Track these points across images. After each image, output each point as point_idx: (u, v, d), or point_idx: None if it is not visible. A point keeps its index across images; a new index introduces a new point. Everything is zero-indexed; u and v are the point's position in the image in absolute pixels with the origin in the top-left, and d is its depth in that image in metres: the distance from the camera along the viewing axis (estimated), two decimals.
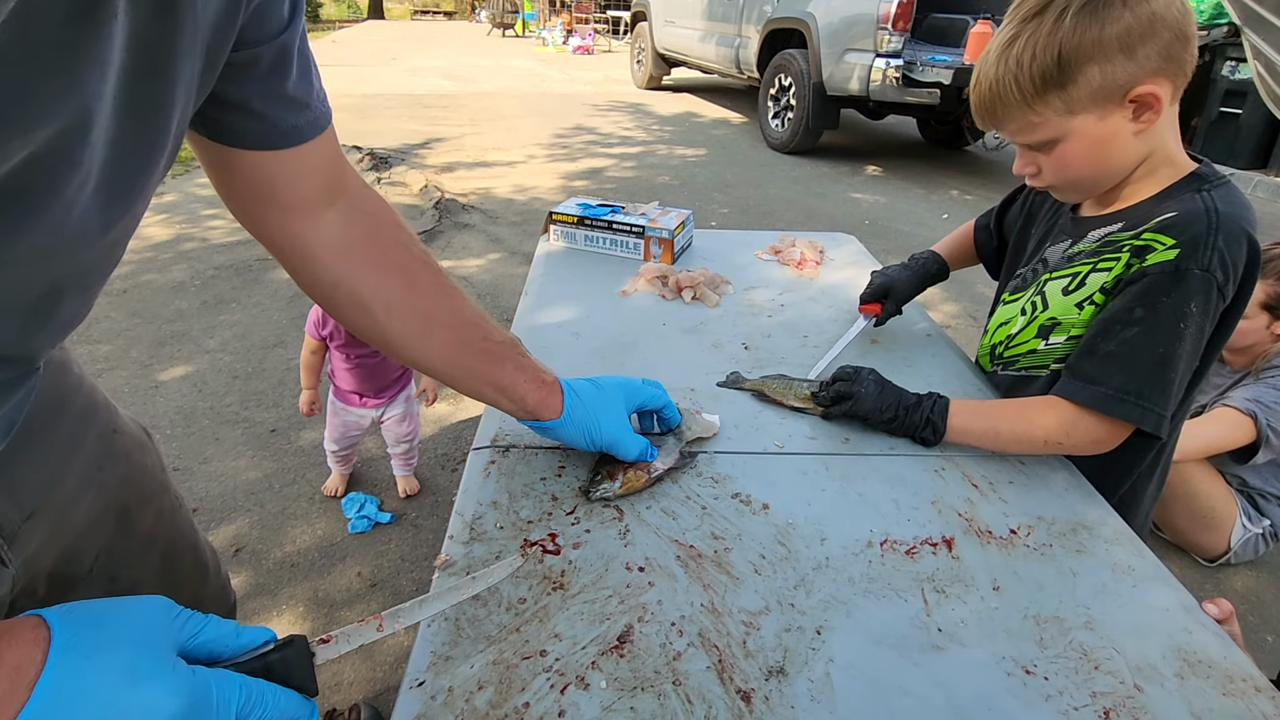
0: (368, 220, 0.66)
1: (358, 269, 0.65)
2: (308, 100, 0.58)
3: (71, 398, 0.67)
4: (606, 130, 6.62)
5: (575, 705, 0.55)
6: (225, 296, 3.03)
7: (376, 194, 0.70)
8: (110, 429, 0.72)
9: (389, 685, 1.41)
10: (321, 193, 0.63)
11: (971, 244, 1.25)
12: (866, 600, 0.66)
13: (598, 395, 0.79)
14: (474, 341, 0.70)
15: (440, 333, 0.69)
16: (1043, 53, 0.78)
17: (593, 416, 0.77)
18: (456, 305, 0.70)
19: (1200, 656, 0.63)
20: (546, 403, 0.75)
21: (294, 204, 0.61)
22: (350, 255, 0.65)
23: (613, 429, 0.77)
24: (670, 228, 1.42)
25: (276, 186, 0.60)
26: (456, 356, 0.71)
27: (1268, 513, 1.78)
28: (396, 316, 0.67)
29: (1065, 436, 0.84)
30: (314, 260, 0.64)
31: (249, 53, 0.51)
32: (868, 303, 1.20)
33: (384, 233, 0.67)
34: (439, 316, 0.69)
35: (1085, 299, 0.89)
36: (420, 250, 0.69)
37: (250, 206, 0.61)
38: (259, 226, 0.63)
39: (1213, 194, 0.83)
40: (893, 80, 4.71)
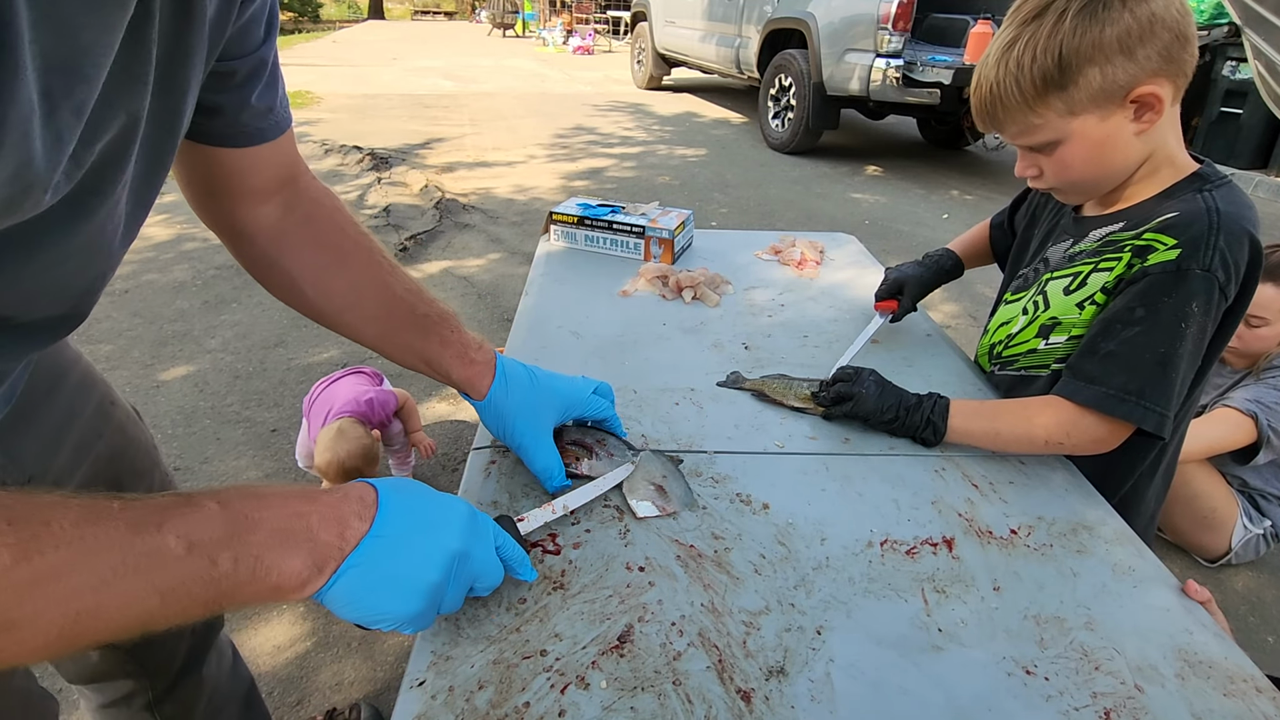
0: (308, 206, 0.71)
1: (291, 250, 0.70)
2: (272, 106, 0.62)
3: (70, 370, 0.71)
4: (607, 130, 6.62)
5: (575, 705, 0.55)
6: (226, 296, 3.03)
7: (320, 184, 0.74)
8: (108, 401, 0.76)
9: (389, 685, 1.40)
10: (270, 185, 0.67)
11: (986, 242, 1.26)
12: (867, 600, 0.66)
13: (527, 391, 0.77)
14: (400, 315, 0.73)
15: (368, 308, 0.72)
16: (1043, 55, 0.78)
17: (512, 412, 0.75)
18: (386, 281, 0.72)
19: (1201, 657, 0.63)
20: (472, 381, 0.75)
21: (243, 194, 0.66)
22: (285, 238, 0.70)
23: (527, 433, 0.75)
24: (670, 228, 1.42)
25: (230, 179, 0.65)
26: (384, 329, 0.73)
27: (1268, 513, 1.78)
28: (325, 293, 0.71)
29: (1066, 436, 0.84)
30: (251, 243, 0.69)
31: (228, 65, 0.55)
32: (883, 299, 1.20)
33: (321, 217, 0.72)
34: (367, 292, 0.72)
35: (1086, 299, 0.89)
36: (356, 233, 0.73)
37: (202, 194, 0.66)
38: (204, 211, 0.68)
39: (1214, 194, 0.83)
40: (893, 80, 4.70)
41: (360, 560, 0.48)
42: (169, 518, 0.41)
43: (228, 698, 0.98)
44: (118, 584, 0.38)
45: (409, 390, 2.04)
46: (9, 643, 0.35)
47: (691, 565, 0.69)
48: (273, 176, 0.67)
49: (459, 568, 0.54)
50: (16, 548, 0.35)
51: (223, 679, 0.97)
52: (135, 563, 0.39)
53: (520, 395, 0.76)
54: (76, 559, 0.37)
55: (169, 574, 0.40)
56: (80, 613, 0.37)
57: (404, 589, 0.50)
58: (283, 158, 0.67)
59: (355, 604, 0.49)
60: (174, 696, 0.90)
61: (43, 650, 0.37)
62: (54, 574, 0.36)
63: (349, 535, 0.49)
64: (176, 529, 0.41)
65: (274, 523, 0.45)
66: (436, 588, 0.52)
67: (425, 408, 2.32)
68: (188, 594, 0.41)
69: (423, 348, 0.74)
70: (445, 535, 0.54)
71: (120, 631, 0.39)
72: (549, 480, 0.75)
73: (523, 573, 0.62)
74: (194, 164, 0.63)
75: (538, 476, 0.76)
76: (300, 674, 1.43)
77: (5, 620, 0.35)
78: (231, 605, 0.44)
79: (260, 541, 0.44)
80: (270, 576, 0.44)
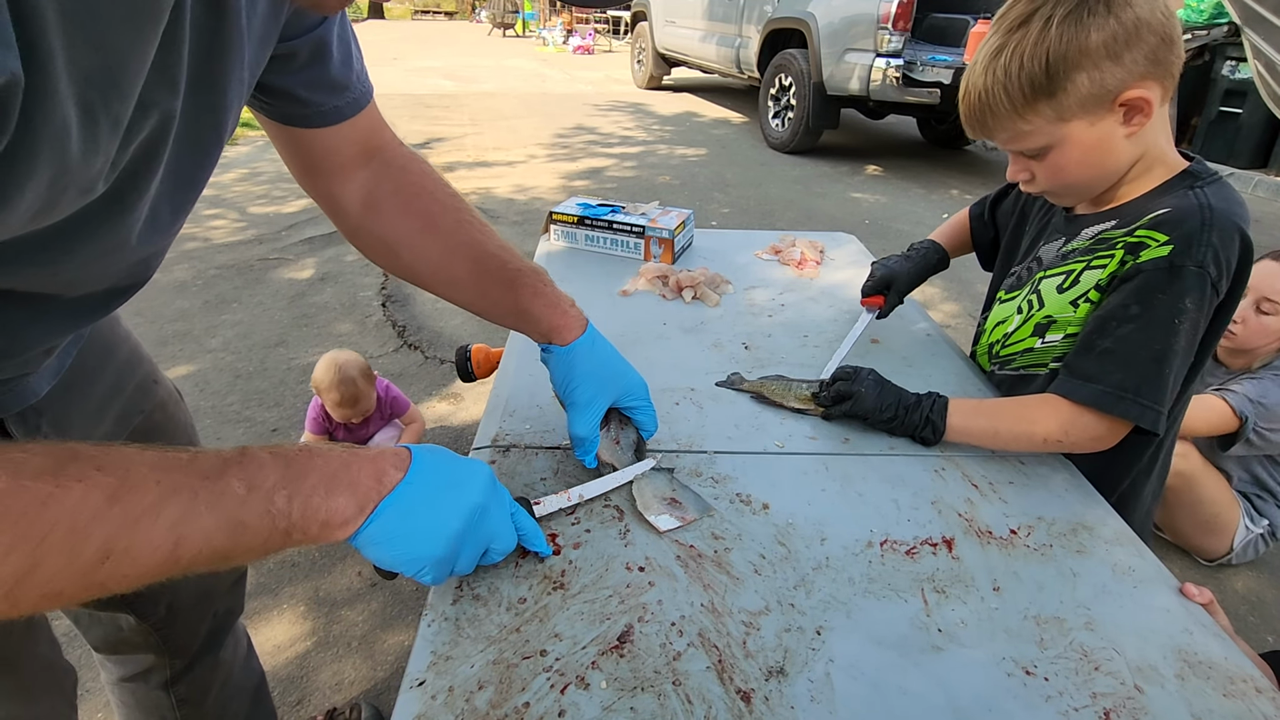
0: (396, 175, 0.75)
1: (385, 219, 0.74)
2: (347, 83, 0.65)
3: (120, 346, 0.76)
4: (607, 130, 6.62)
5: (575, 705, 0.55)
6: (227, 296, 3.03)
7: (408, 150, 0.77)
8: (151, 379, 0.81)
9: (390, 685, 1.41)
10: (358, 157, 0.72)
11: (968, 233, 1.25)
12: (866, 600, 0.66)
13: (606, 361, 0.79)
14: (493, 270, 0.76)
15: (461, 266, 0.76)
16: (1030, 61, 0.78)
17: (584, 371, 0.77)
18: (476, 239, 0.76)
19: (1201, 657, 0.63)
20: (560, 330, 0.77)
21: (335, 170, 0.71)
22: (378, 208, 0.74)
23: (585, 396, 0.77)
24: (670, 227, 1.42)
25: (321, 158, 0.70)
26: (477, 285, 0.77)
27: (1266, 513, 1.78)
28: (420, 257, 0.76)
29: (1064, 434, 0.84)
30: (348, 215, 0.74)
31: (287, 46, 0.57)
32: (869, 295, 1.20)
33: (410, 184, 0.75)
34: (457, 251, 0.75)
35: (1080, 296, 0.89)
36: (445, 195, 0.77)
37: (300, 172, 0.72)
38: (306, 186, 0.73)
39: (1205, 190, 0.83)
40: (893, 80, 4.70)
41: (395, 503, 0.54)
42: (230, 466, 0.46)
43: (239, 688, 1.00)
44: (195, 520, 0.43)
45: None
46: (111, 571, 0.40)
47: (691, 565, 0.69)
48: (359, 151, 0.71)
49: (478, 522, 0.59)
50: (109, 489, 0.40)
51: (237, 667, 0.99)
52: (207, 500, 0.44)
53: (598, 361, 0.78)
54: (159, 498, 0.42)
55: (235, 511, 0.45)
56: (169, 543, 0.42)
57: (430, 532, 0.55)
58: (367, 132, 0.70)
59: (387, 543, 0.53)
60: (190, 677, 0.92)
61: (139, 577, 0.42)
62: (143, 511, 0.41)
63: (386, 482, 0.54)
64: (238, 475, 0.46)
65: (322, 469, 0.51)
66: (458, 535, 0.57)
67: (425, 407, 2.32)
68: (252, 529, 0.46)
69: (515, 299, 0.76)
70: (468, 490, 0.59)
71: (207, 560, 0.45)
72: (580, 449, 0.78)
73: (538, 544, 0.66)
74: (285, 144, 0.68)
75: (573, 440, 0.78)
76: (301, 674, 1.43)
77: (106, 551, 0.40)
78: (290, 542, 0.49)
79: (311, 485, 0.50)
80: (319, 514, 0.50)
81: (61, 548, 0.38)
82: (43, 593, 0.38)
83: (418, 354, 2.65)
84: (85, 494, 0.39)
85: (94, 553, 0.39)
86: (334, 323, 2.85)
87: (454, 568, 0.58)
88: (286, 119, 0.65)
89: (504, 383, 0.99)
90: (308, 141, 0.67)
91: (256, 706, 1.04)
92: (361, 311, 2.95)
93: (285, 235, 3.70)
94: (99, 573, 0.40)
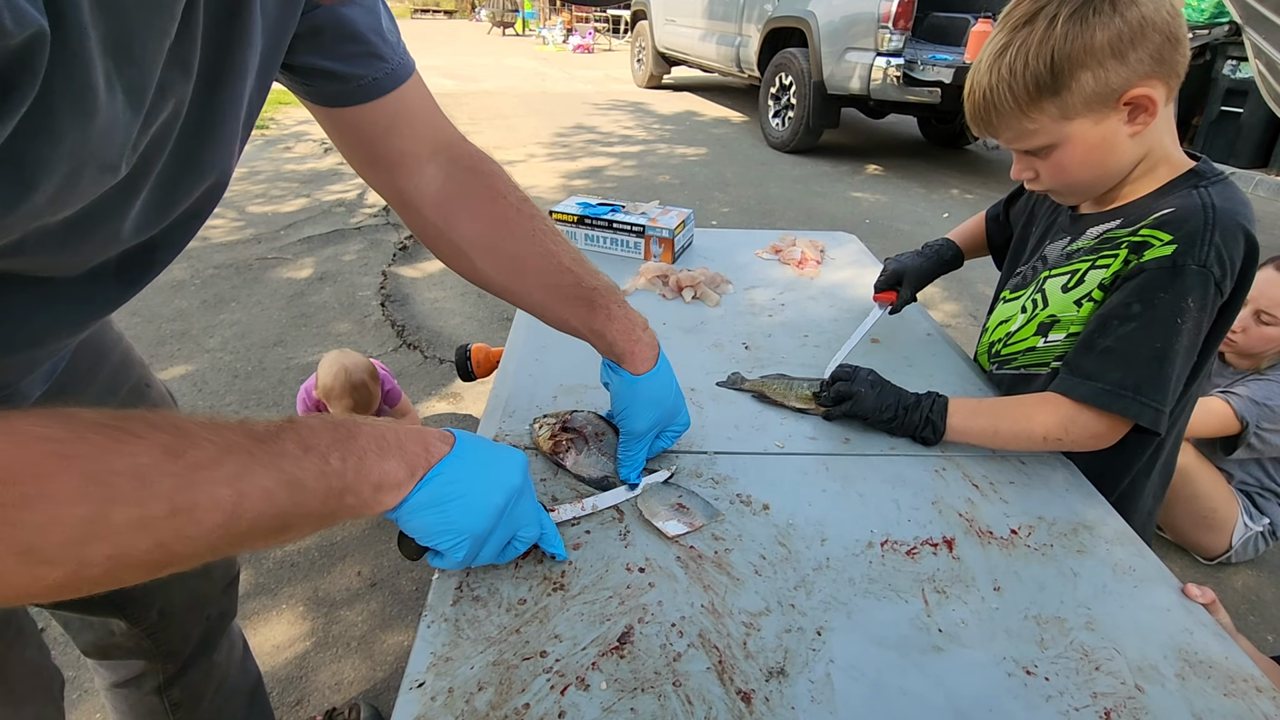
0: (464, 175, 0.73)
1: (455, 220, 0.73)
2: (380, 53, 0.63)
3: (112, 350, 0.74)
4: (607, 129, 6.61)
5: (575, 706, 0.55)
6: (225, 295, 3.03)
7: (478, 151, 0.75)
8: (144, 382, 0.79)
9: (389, 685, 1.40)
10: (417, 147, 0.70)
11: (983, 234, 1.26)
12: (867, 601, 0.66)
13: (665, 390, 0.78)
14: (566, 287, 0.74)
15: (534, 277, 0.74)
16: (1035, 60, 0.79)
17: (647, 401, 0.76)
18: (550, 250, 0.74)
19: (1201, 657, 0.63)
20: (632, 357, 0.75)
21: (395, 160, 0.69)
22: (448, 207, 0.72)
23: (641, 426, 0.77)
24: (670, 227, 1.42)
25: (374, 144, 0.67)
26: (550, 301, 0.75)
27: (1267, 511, 1.78)
28: (491, 264, 0.74)
29: (1064, 432, 0.84)
30: (418, 213, 0.72)
31: (310, 19, 0.56)
32: (882, 290, 1.20)
33: (480, 186, 0.73)
34: (531, 263, 0.74)
35: (1084, 296, 0.89)
36: (518, 200, 0.74)
37: (362, 164, 0.70)
38: (372, 182, 0.72)
39: (1210, 190, 0.83)
40: (893, 79, 4.70)
41: (444, 471, 0.55)
42: (282, 429, 0.46)
43: (235, 690, 0.99)
44: (253, 478, 0.42)
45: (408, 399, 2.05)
46: (178, 529, 0.39)
47: (691, 566, 0.69)
48: (415, 136, 0.69)
49: (515, 503, 0.60)
50: (165, 444, 0.39)
51: (232, 670, 0.98)
52: (263, 459, 0.43)
53: (662, 392, 0.78)
54: (217, 454, 0.41)
55: (293, 469, 0.45)
56: (231, 500, 0.41)
57: (476, 504, 0.56)
58: (414, 113, 0.68)
59: (434, 509, 0.54)
60: (184, 681, 0.91)
61: (203, 538, 0.40)
62: (201, 465, 0.40)
63: (434, 451, 0.55)
64: (290, 436, 0.46)
65: (371, 434, 0.51)
66: (500, 510, 0.58)
67: (425, 407, 2.32)
68: (310, 489, 0.45)
69: (589, 319, 0.75)
70: (510, 470, 0.60)
71: (268, 525, 0.44)
72: (625, 472, 0.78)
73: (556, 545, 0.66)
74: (338, 131, 0.67)
75: (620, 462, 0.79)
76: (300, 674, 1.43)
77: (174, 504, 0.38)
78: (343, 508, 0.48)
79: (362, 447, 0.50)
80: (372, 475, 0.50)
81: (129, 497, 0.37)
82: (112, 550, 0.37)
83: (417, 353, 2.65)
84: (146, 448, 0.38)
85: (161, 506, 0.38)
86: (333, 322, 2.85)
87: (481, 551, 0.59)
88: (330, 99, 0.63)
89: (504, 383, 0.99)
90: (357, 124, 0.66)
91: (253, 708, 1.04)
92: (360, 311, 2.94)
93: (283, 235, 3.70)
94: (165, 529, 0.38)
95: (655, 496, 0.76)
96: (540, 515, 0.65)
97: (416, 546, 0.59)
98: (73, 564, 0.36)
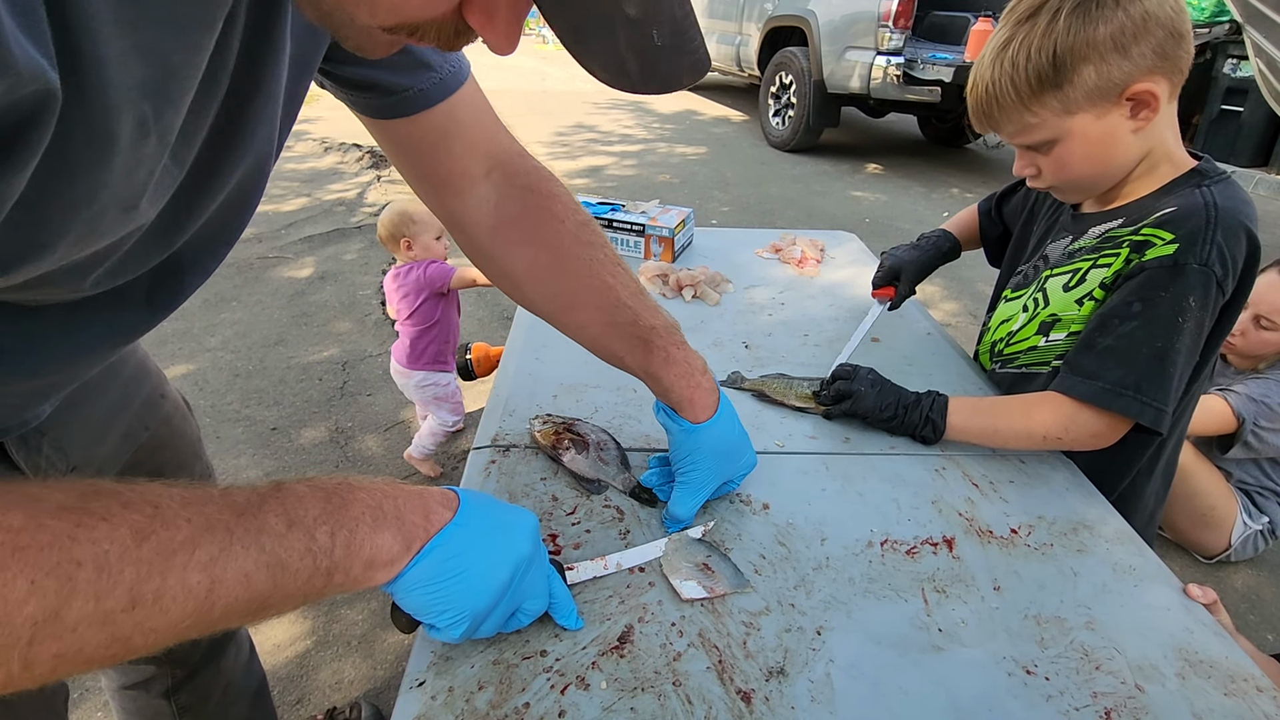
0: (521, 196, 0.68)
1: (507, 246, 0.68)
2: (428, 60, 0.59)
3: (126, 362, 0.71)
4: (607, 128, 6.61)
5: (575, 705, 0.55)
6: (226, 295, 3.02)
7: (536, 167, 0.70)
8: (158, 393, 0.77)
9: (389, 684, 1.41)
10: (469, 165, 0.65)
11: (976, 227, 1.26)
12: (867, 600, 0.66)
13: (726, 443, 0.71)
14: (623, 325, 0.69)
15: (587, 312, 0.69)
16: (1037, 54, 0.79)
17: (706, 451, 0.70)
18: (608, 285, 0.68)
19: (1201, 656, 0.63)
20: (690, 404, 0.69)
21: (443, 179, 0.65)
22: (500, 232, 0.68)
23: (697, 479, 0.71)
24: (670, 226, 1.42)
25: (423, 161, 0.63)
26: (605, 337, 0.70)
27: (1266, 510, 1.78)
28: (543, 294, 0.70)
29: (1064, 431, 0.84)
30: (468, 236, 0.69)
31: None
32: (880, 287, 1.20)
33: (537, 206, 0.68)
34: (586, 296, 0.69)
35: (1085, 295, 0.89)
36: (576, 225, 0.69)
37: (416, 181, 0.66)
38: (426, 200, 0.68)
39: (1212, 189, 0.83)
40: (893, 78, 4.69)
41: (444, 543, 0.50)
42: (266, 501, 0.43)
43: (241, 692, 0.99)
44: (231, 560, 0.39)
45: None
46: (138, 622, 0.36)
47: None
48: (467, 153, 0.64)
49: (522, 575, 0.54)
50: (135, 527, 0.36)
51: (238, 673, 0.98)
52: (243, 538, 0.40)
53: (723, 440, 0.71)
54: (192, 535, 0.38)
55: (275, 548, 0.41)
56: (204, 587, 0.38)
57: (478, 581, 0.52)
58: (472, 129, 0.64)
59: (430, 588, 0.50)
60: (192, 685, 0.91)
61: (168, 629, 0.37)
62: (174, 549, 0.37)
63: (434, 520, 0.51)
64: (275, 510, 0.42)
65: (365, 502, 0.47)
66: (504, 586, 0.53)
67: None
68: (293, 570, 0.42)
69: (646, 361, 0.69)
70: (519, 538, 0.55)
71: (242, 610, 0.40)
72: (671, 523, 0.72)
73: (567, 617, 0.60)
74: (389, 146, 0.63)
75: (667, 513, 0.73)
76: (301, 673, 1.43)
77: (136, 595, 0.35)
78: (330, 585, 0.45)
79: (354, 517, 0.46)
80: (364, 550, 0.46)
81: (87, 591, 0.34)
82: (60, 650, 0.33)
83: None
84: (111, 532, 0.35)
85: (122, 598, 0.35)
86: (333, 321, 2.85)
87: (482, 626, 0.53)
88: (376, 111, 0.59)
89: (504, 382, 0.99)
90: (405, 138, 0.61)
91: (257, 709, 1.04)
92: (361, 310, 2.94)
93: (284, 234, 3.70)
94: (125, 623, 0.35)
95: (681, 551, 0.69)
96: (552, 583, 0.59)
97: (410, 619, 0.53)
98: (14, 665, 0.32)
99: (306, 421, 2.22)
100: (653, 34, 0.33)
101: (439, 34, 0.35)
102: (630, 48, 0.33)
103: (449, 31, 0.35)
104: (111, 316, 0.49)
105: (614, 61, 0.33)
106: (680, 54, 0.35)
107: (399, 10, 0.33)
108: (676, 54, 0.35)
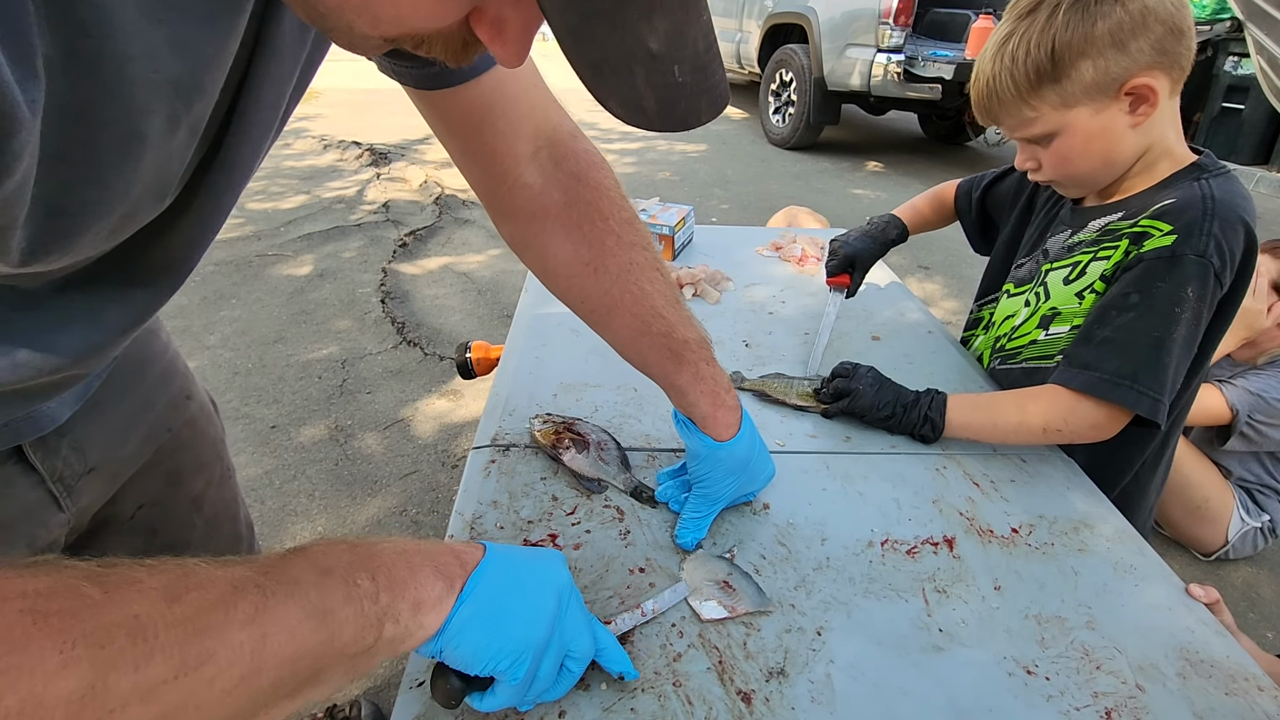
0: (567, 183, 0.64)
1: (546, 237, 0.65)
2: None
3: (154, 363, 0.69)
4: (606, 126, 6.60)
5: (575, 705, 0.54)
6: (225, 292, 3.02)
7: (587, 151, 0.67)
8: (184, 395, 0.74)
9: (390, 682, 1.41)
10: (514, 144, 0.61)
11: (948, 209, 1.28)
12: (867, 600, 0.66)
13: (745, 461, 0.70)
14: (655, 335, 0.67)
15: (621, 318, 0.67)
16: (1036, 49, 0.80)
17: (725, 469, 0.69)
18: (645, 292, 0.66)
19: (1202, 656, 0.62)
20: (714, 422, 0.68)
21: (487, 157, 0.61)
22: (540, 220, 0.64)
23: (713, 495, 0.70)
24: (671, 224, 1.42)
25: (467, 136, 0.60)
26: (635, 343, 0.68)
27: (1266, 507, 1.78)
28: (578, 293, 0.67)
29: (1064, 423, 0.84)
30: (507, 221, 0.65)
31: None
32: (835, 275, 1.21)
33: (583, 199, 0.65)
34: (622, 301, 0.66)
35: (1085, 288, 0.89)
36: (620, 223, 0.66)
37: (459, 162, 0.62)
38: (471, 183, 0.64)
39: (1211, 182, 0.84)
40: (894, 75, 4.69)
41: (486, 575, 0.47)
42: (286, 556, 0.40)
43: None
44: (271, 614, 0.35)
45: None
46: (185, 696, 0.32)
47: None
48: (513, 130, 0.60)
49: (565, 607, 0.52)
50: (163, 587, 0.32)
51: None
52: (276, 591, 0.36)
53: (742, 458, 0.70)
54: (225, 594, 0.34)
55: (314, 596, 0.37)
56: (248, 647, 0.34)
57: (528, 612, 0.49)
58: (522, 103, 0.60)
59: (484, 624, 0.46)
60: None
61: (222, 703, 0.33)
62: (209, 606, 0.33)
63: (466, 558, 0.48)
64: (299, 563, 0.39)
65: (392, 549, 0.44)
66: (554, 617, 0.50)
67: (425, 405, 2.32)
68: (340, 619, 0.38)
69: (673, 374, 0.68)
70: (555, 568, 0.53)
71: (292, 676, 0.36)
72: (685, 537, 0.70)
73: (620, 660, 0.55)
74: (434, 119, 0.59)
75: (680, 527, 0.71)
76: None
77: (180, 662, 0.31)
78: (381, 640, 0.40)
79: (388, 562, 0.43)
80: (408, 591, 0.42)
81: (126, 659, 0.29)
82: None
83: (417, 350, 2.65)
84: (141, 594, 0.31)
85: (166, 666, 0.31)
86: (333, 319, 2.85)
87: (537, 672, 0.49)
88: (419, 81, 0.56)
89: (504, 381, 0.99)
90: (449, 111, 0.58)
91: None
92: (360, 308, 2.94)
93: (283, 231, 3.69)
94: (172, 697, 0.31)
95: (703, 568, 0.68)
96: (594, 625, 0.55)
97: (458, 684, 0.48)
98: None
99: (306, 419, 2.21)
100: (674, 70, 0.32)
101: (446, 46, 0.34)
102: (649, 84, 0.31)
103: (456, 43, 0.34)
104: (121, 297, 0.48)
105: (632, 99, 0.32)
106: (700, 91, 0.33)
107: (403, 21, 0.32)
108: (697, 91, 0.33)
